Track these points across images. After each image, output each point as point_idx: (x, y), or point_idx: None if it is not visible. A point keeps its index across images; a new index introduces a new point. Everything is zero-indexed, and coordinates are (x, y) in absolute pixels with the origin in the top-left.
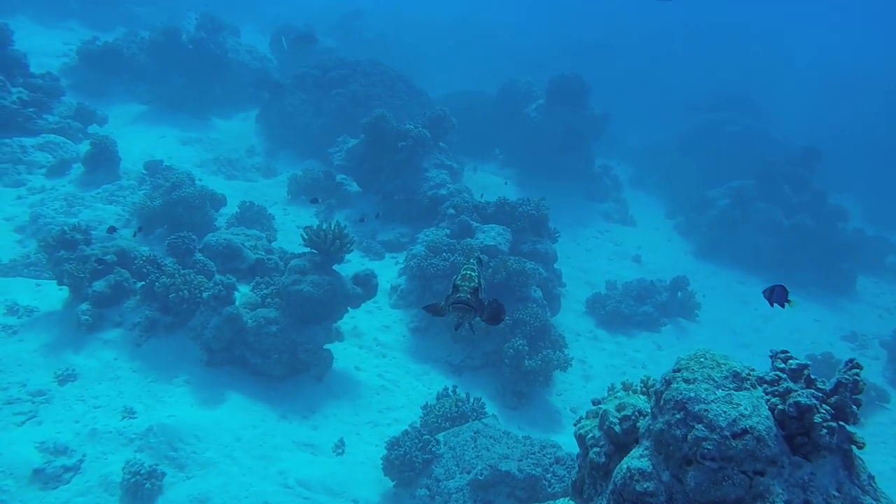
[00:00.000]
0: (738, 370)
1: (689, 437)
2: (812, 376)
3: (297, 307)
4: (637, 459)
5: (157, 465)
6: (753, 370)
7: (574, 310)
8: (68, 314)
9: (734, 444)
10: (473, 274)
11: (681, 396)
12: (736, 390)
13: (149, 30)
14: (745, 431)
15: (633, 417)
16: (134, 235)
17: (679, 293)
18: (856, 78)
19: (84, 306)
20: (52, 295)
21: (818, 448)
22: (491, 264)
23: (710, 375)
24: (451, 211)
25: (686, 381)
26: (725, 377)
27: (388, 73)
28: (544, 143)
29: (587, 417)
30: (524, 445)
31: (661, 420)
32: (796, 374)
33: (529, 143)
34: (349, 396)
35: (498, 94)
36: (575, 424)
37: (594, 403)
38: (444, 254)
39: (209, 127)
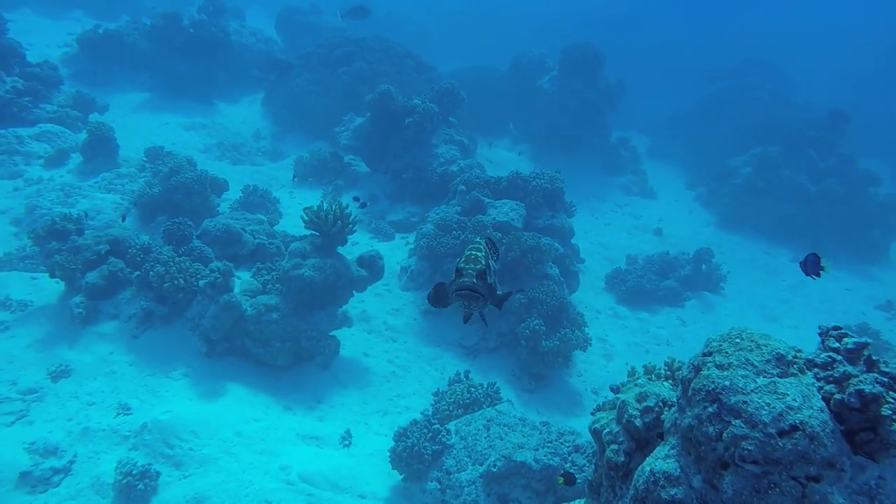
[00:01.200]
0: (783, 352)
1: (724, 434)
2: (874, 357)
3: (298, 293)
4: (662, 461)
5: (150, 464)
6: (800, 351)
7: (593, 286)
8: (63, 308)
9: (781, 444)
10: (480, 255)
11: (713, 386)
12: (781, 377)
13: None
14: (794, 428)
15: (656, 409)
16: (123, 219)
17: (703, 266)
18: (882, 40)
19: (77, 299)
20: (47, 288)
21: (887, 446)
22: (504, 241)
23: (748, 359)
24: (462, 187)
25: (719, 366)
26: (767, 361)
27: (394, 48)
28: (559, 116)
29: (603, 409)
30: (540, 433)
31: (689, 414)
32: (854, 354)
33: (543, 117)
34: (357, 384)
35: (510, 68)
36: (592, 413)
37: (613, 391)
38: (455, 231)
39: (214, 112)
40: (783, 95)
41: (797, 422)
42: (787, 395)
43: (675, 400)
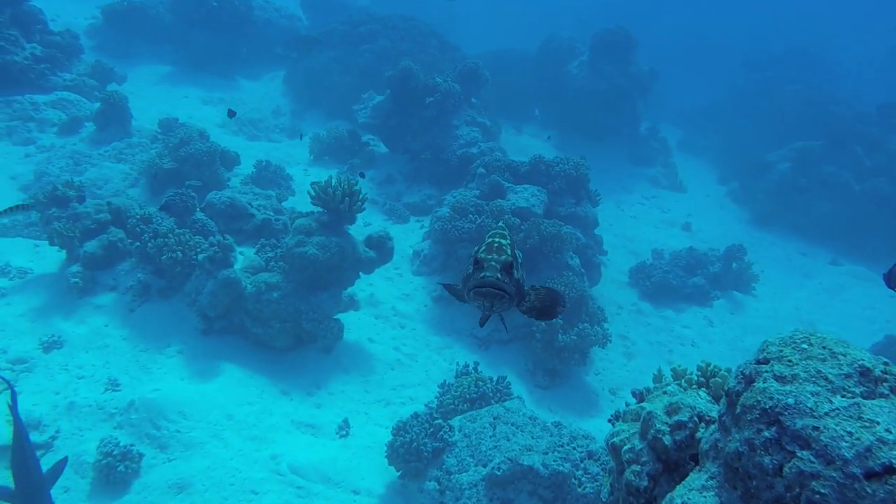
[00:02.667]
0: (868, 365)
1: (786, 469)
2: None
3: (301, 271)
4: (698, 493)
5: (133, 445)
6: (888, 364)
7: (616, 280)
8: (62, 277)
9: (871, 490)
10: (505, 243)
11: (772, 403)
12: (866, 397)
13: None
14: (890, 470)
15: (690, 425)
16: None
17: (734, 264)
18: None
19: (74, 268)
20: (48, 257)
21: None
22: (523, 227)
23: (819, 371)
24: (482, 170)
25: (780, 378)
26: (846, 375)
27: (418, 27)
28: (587, 103)
29: (624, 419)
30: (551, 436)
31: (737, 437)
32: None
33: (571, 103)
34: (360, 371)
35: (538, 52)
36: (611, 422)
37: (635, 396)
38: (471, 215)
39: (235, 87)
40: (827, 88)
41: (894, 461)
42: (878, 423)
43: (714, 415)
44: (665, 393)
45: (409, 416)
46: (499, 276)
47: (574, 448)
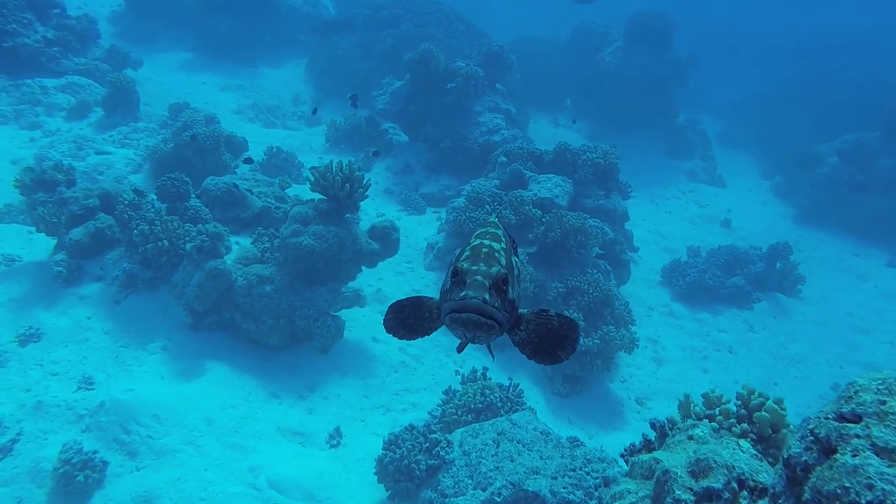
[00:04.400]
0: None
1: None
2: None
3: (296, 263)
4: None
5: (97, 451)
6: None
7: (646, 279)
8: (49, 265)
9: None
10: (497, 246)
11: (872, 497)
12: None
13: None
14: None
15: (726, 495)
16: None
17: (778, 263)
18: None
19: (59, 256)
20: (41, 244)
21: None
22: (544, 219)
23: None
24: (503, 159)
25: (884, 450)
26: None
27: (444, 11)
28: (621, 92)
29: (631, 475)
30: (563, 457)
31: None
32: None
33: (604, 92)
34: (359, 374)
35: (570, 38)
36: (624, 458)
37: (655, 429)
38: (488, 206)
39: (255, 74)
40: (884, 75)
41: None
42: None
43: (763, 481)
44: (691, 438)
45: (403, 429)
46: (486, 297)
47: (588, 473)
